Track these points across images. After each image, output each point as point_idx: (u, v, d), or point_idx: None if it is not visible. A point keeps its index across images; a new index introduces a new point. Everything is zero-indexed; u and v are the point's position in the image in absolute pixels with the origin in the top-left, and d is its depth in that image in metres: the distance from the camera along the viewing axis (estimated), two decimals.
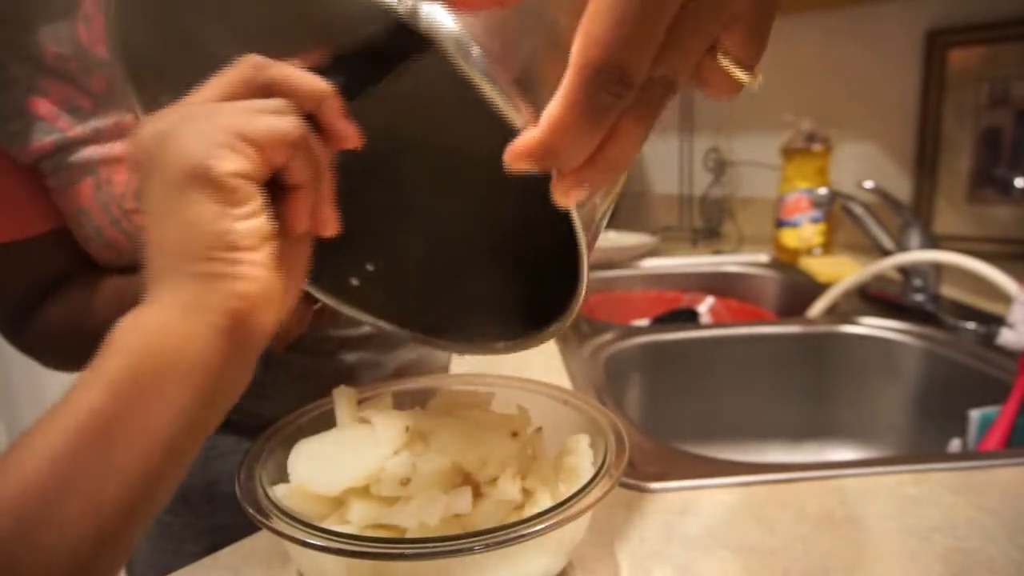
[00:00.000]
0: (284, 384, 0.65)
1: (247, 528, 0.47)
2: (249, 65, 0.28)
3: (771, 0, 0.23)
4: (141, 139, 0.27)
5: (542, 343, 0.39)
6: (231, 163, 0.26)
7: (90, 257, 0.56)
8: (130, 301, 0.53)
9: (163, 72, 0.37)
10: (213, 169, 0.25)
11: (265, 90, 0.29)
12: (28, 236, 0.53)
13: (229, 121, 0.26)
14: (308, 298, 0.50)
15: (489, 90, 0.24)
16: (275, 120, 0.27)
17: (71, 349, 0.59)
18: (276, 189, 0.29)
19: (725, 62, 0.23)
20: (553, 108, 0.22)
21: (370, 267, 0.48)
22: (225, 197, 0.26)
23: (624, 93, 0.21)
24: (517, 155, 0.23)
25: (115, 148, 0.51)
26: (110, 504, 0.25)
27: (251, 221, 0.26)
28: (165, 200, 0.26)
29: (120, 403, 0.25)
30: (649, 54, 0.21)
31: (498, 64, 0.24)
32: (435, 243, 0.50)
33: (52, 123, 0.50)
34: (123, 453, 0.25)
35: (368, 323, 0.46)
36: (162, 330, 0.26)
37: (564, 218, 0.29)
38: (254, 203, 0.27)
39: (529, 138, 0.23)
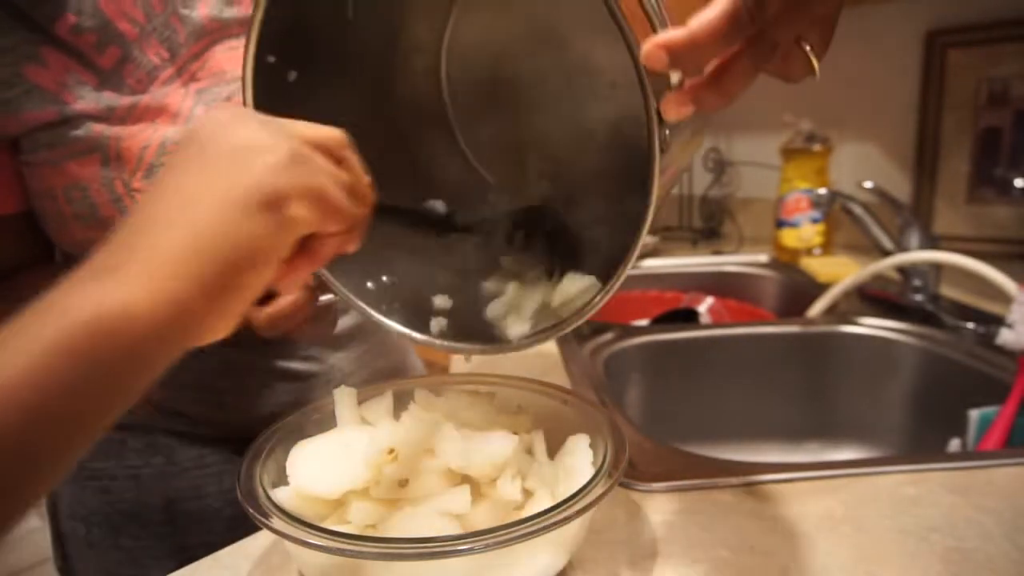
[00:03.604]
0: (244, 393, 0.62)
1: (218, 546, 0.47)
2: (340, 137, 0.32)
3: (839, 9, 0.31)
4: (218, 120, 0.29)
5: (571, 325, 0.40)
6: (303, 212, 0.28)
7: (47, 250, 0.53)
8: None
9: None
10: (289, 209, 0.28)
11: (338, 162, 0.32)
12: None
13: (322, 177, 0.29)
14: (313, 291, 0.50)
15: None
16: (347, 200, 0.31)
17: None
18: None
19: (807, 49, 0.31)
20: (708, 13, 0.27)
21: (385, 279, 0.48)
22: (278, 235, 0.28)
23: (755, 18, 0.28)
24: (659, 47, 0.28)
25: (128, 130, 0.50)
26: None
27: (273, 265, 0.29)
28: (220, 196, 0.27)
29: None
30: (774, 6, 0.28)
31: None
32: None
33: (55, 94, 0.49)
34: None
35: (377, 323, 0.46)
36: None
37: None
38: (287, 251, 0.30)
39: (676, 35, 0.28)
